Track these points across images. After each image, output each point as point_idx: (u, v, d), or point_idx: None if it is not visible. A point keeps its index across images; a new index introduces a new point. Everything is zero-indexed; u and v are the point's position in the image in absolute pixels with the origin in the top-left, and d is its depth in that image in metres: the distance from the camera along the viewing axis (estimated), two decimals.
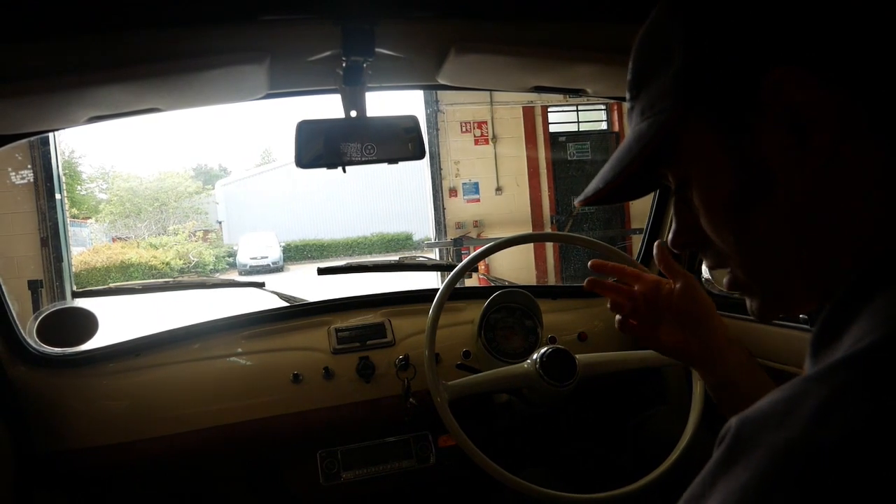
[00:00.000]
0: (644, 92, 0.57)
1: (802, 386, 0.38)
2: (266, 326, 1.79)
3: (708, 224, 0.54)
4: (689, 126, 0.53)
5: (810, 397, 0.37)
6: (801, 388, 0.38)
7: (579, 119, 10.53)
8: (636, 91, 0.58)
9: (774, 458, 0.36)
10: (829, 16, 0.46)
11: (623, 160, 0.57)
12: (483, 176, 10.15)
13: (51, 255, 8.19)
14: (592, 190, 0.61)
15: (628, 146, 0.58)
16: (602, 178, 0.60)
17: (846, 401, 0.35)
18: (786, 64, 0.46)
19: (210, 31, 1.14)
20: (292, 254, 20.64)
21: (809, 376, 0.39)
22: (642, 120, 0.57)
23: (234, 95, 1.39)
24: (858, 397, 0.35)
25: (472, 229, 9.93)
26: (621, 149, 0.59)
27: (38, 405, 1.57)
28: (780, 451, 0.36)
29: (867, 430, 0.34)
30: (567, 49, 1.30)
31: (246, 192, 23.43)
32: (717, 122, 0.51)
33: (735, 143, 0.50)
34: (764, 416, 0.39)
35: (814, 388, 0.37)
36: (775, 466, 0.36)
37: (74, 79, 1.13)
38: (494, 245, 1.58)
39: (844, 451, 0.34)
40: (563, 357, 1.52)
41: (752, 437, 0.38)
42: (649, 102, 0.56)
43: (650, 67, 0.56)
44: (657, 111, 0.55)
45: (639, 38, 0.58)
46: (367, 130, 1.38)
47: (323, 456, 1.73)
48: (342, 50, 1.23)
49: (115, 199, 21.68)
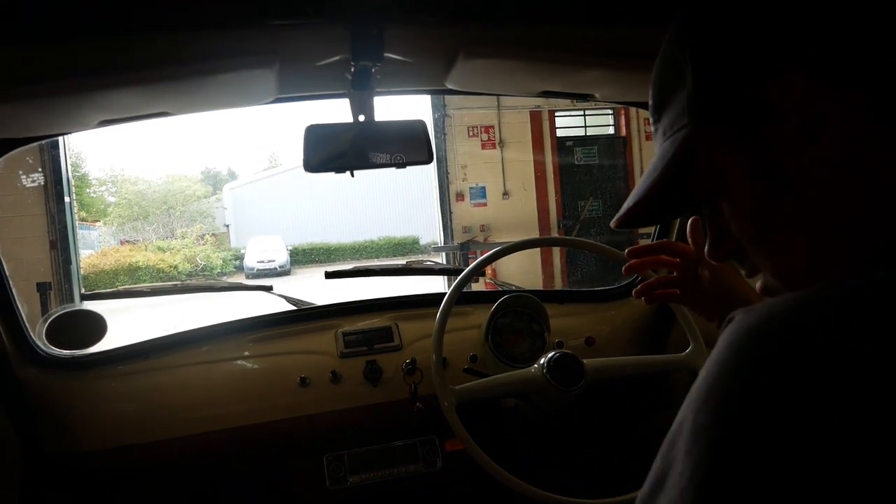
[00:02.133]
0: (664, 115, 0.60)
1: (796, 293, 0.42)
2: (274, 330, 1.80)
3: (738, 232, 0.56)
4: (707, 141, 0.55)
5: (788, 298, 0.41)
6: (794, 294, 0.42)
7: (587, 123, 10.51)
8: (658, 115, 0.61)
9: (732, 334, 0.41)
10: (828, 19, 0.47)
11: (648, 178, 0.61)
12: (490, 180, 10.14)
13: (59, 257, 8.23)
14: (624, 210, 0.64)
15: (653, 166, 0.61)
16: (633, 197, 0.63)
17: (810, 307, 0.40)
18: (789, 72, 0.48)
19: (220, 35, 1.14)
20: (299, 257, 20.68)
21: None
22: (665, 140, 0.60)
23: (244, 99, 1.40)
24: (825, 310, 0.39)
25: (478, 233, 9.92)
26: (648, 169, 0.62)
27: (47, 407, 1.58)
28: (733, 331, 0.41)
29: (815, 334, 0.38)
30: (575, 53, 1.30)
31: (253, 195, 23.50)
32: (732, 133, 0.53)
33: (751, 151, 0.52)
34: (750, 307, 0.43)
35: (796, 294, 0.42)
36: (727, 340, 0.41)
37: (85, 82, 1.13)
38: (502, 249, 1.58)
39: (787, 346, 0.38)
40: (570, 362, 1.51)
41: (730, 321, 0.43)
42: (669, 123, 0.59)
43: (667, 91, 0.59)
44: (676, 130, 0.58)
45: (655, 65, 0.61)
46: (375, 135, 1.38)
47: (329, 460, 1.73)
48: (351, 54, 1.23)
49: (123, 203, 21.78)
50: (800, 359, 0.37)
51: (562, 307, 1.94)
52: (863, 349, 0.37)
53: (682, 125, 0.57)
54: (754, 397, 0.38)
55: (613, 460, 1.94)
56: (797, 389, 0.37)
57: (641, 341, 1.92)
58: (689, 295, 1.12)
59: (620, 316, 1.95)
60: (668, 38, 0.59)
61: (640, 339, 1.93)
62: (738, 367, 0.40)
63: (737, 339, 0.41)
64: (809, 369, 0.37)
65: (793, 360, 0.38)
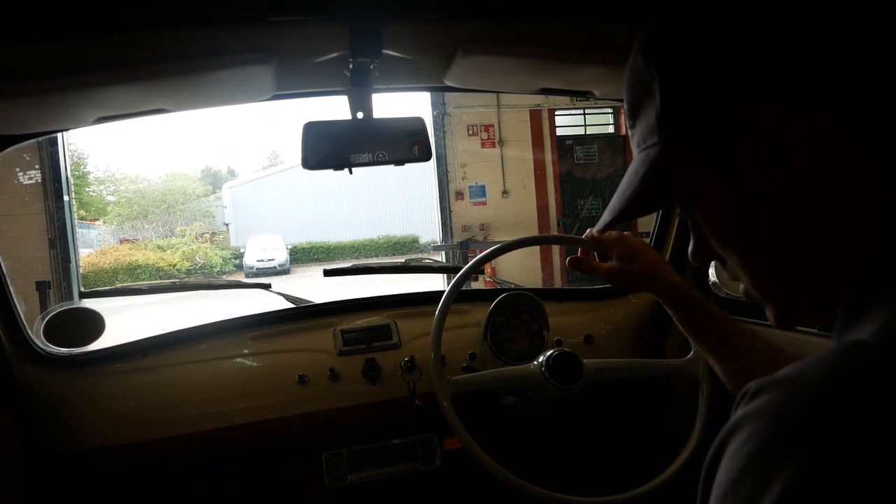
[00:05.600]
0: (637, 124, 0.60)
1: (815, 358, 0.42)
2: (272, 328, 1.79)
3: (714, 243, 0.58)
4: (681, 156, 0.56)
5: (819, 365, 0.41)
6: (814, 359, 0.42)
7: (586, 122, 10.53)
8: (632, 122, 0.62)
9: (776, 413, 0.40)
10: (794, 43, 0.48)
11: (625, 192, 0.62)
12: (489, 179, 10.15)
13: (58, 256, 8.24)
14: (603, 222, 0.66)
15: (629, 180, 0.62)
16: (611, 210, 0.64)
17: (848, 373, 0.39)
18: (757, 95, 0.49)
19: (218, 31, 1.14)
20: (299, 256, 20.66)
21: (823, 352, 0.42)
22: (640, 151, 0.60)
23: (242, 96, 1.39)
24: (859, 373, 0.39)
25: (478, 232, 9.94)
26: (624, 180, 0.63)
27: (46, 405, 1.58)
28: (778, 406, 0.40)
29: (861, 393, 0.37)
30: (574, 50, 1.30)
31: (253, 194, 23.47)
32: (704, 152, 0.54)
33: (722, 169, 0.53)
34: (775, 379, 0.42)
35: (824, 358, 0.41)
36: (775, 419, 0.39)
37: (82, 79, 1.13)
38: (500, 247, 1.57)
39: (834, 406, 0.37)
40: (569, 360, 1.51)
41: (759, 394, 0.42)
42: (642, 136, 0.60)
43: (638, 103, 0.59)
44: (648, 146, 0.58)
45: (626, 71, 0.61)
46: (373, 132, 1.38)
47: (328, 457, 1.73)
48: (349, 51, 1.23)
49: (122, 201, 21.76)
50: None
51: (561, 305, 1.94)
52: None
53: (653, 143, 0.57)
54: None
55: (612, 458, 1.94)
56: None
57: (640, 339, 1.92)
58: (614, 273, 1.26)
59: (619, 314, 1.95)
60: (635, 47, 0.59)
61: (639, 338, 1.92)
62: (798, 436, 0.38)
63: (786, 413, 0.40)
64: None
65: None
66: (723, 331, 1.13)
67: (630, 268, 1.24)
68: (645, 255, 1.24)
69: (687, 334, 1.20)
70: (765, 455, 0.38)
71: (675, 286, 1.18)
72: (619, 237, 1.28)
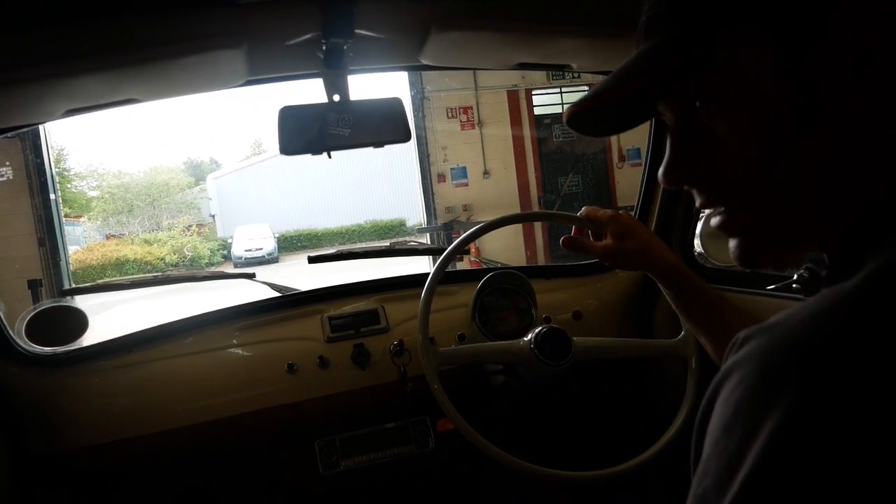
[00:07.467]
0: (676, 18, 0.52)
1: (801, 304, 0.42)
2: (258, 318, 1.78)
3: (734, 150, 0.50)
4: (735, 40, 0.48)
5: (804, 310, 0.41)
6: (800, 305, 0.41)
7: (563, 101, 10.55)
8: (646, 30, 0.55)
9: (762, 358, 0.40)
10: None
11: (620, 73, 0.55)
12: (471, 160, 10.19)
13: (48, 254, 8.19)
14: (581, 100, 0.59)
15: (630, 60, 0.55)
16: (595, 90, 0.57)
17: (830, 315, 0.39)
18: None
19: (184, 16, 1.11)
20: (287, 244, 20.63)
21: (808, 300, 0.42)
22: (655, 40, 0.53)
23: (213, 83, 1.36)
24: (841, 316, 0.39)
25: (461, 213, 9.96)
26: (632, 59, 0.55)
27: (31, 405, 1.55)
28: (764, 351, 0.40)
29: (842, 336, 0.37)
30: (550, 23, 1.27)
31: (238, 184, 23.36)
32: (774, 42, 0.46)
33: (790, 66, 0.46)
34: (762, 326, 0.42)
35: (809, 303, 0.41)
36: (761, 364, 0.40)
37: (47, 70, 1.10)
38: (482, 227, 1.56)
39: (817, 349, 0.37)
40: (558, 336, 1.51)
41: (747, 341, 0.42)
42: (654, 24, 0.53)
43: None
44: (692, 21, 0.51)
45: None
46: (350, 114, 1.36)
47: (321, 445, 1.72)
48: (322, 32, 1.21)
49: (106, 197, 21.59)
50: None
51: (548, 282, 1.93)
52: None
53: (707, 17, 0.50)
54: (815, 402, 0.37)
55: (603, 434, 1.94)
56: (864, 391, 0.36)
57: (629, 313, 1.92)
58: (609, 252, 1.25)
59: (606, 288, 1.94)
60: None
61: (627, 311, 1.92)
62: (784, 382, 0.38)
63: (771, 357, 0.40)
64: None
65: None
66: (715, 309, 1.12)
67: (625, 246, 1.22)
68: (639, 234, 1.23)
69: (679, 312, 1.21)
70: (754, 400, 0.39)
71: (671, 265, 1.17)
72: (614, 215, 1.26)
